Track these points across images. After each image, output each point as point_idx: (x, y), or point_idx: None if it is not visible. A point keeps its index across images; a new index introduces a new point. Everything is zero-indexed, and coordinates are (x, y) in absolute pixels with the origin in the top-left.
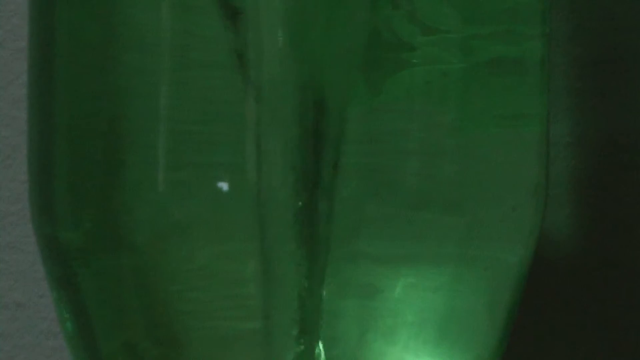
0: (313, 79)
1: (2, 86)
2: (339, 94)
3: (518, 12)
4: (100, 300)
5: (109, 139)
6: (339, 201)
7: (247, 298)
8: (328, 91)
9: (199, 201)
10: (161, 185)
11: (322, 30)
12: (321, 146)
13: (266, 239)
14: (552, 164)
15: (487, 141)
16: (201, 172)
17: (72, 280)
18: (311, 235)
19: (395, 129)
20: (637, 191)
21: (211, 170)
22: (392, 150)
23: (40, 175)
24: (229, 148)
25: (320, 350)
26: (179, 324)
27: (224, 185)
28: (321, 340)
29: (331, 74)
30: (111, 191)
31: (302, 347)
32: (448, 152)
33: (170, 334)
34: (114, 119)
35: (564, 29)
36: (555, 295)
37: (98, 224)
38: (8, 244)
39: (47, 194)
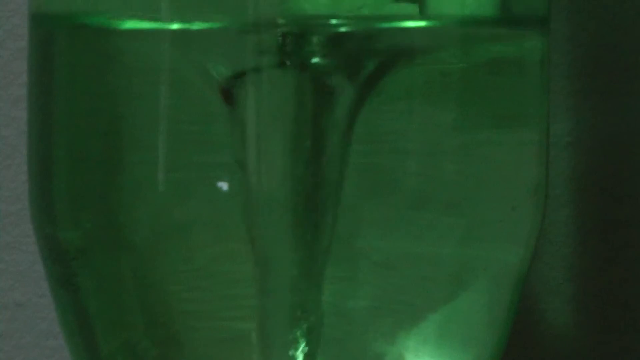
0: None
1: (2, 86)
2: (342, 94)
3: (518, 13)
4: (100, 300)
5: (108, 139)
6: (338, 201)
7: (246, 298)
8: (331, 91)
9: (198, 201)
10: (161, 185)
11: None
12: (321, 146)
13: (265, 239)
14: (552, 164)
15: (487, 141)
16: (201, 172)
17: (72, 280)
18: (311, 235)
19: (395, 129)
20: (637, 191)
21: (211, 170)
22: (392, 150)
23: (40, 175)
24: (229, 148)
25: (320, 350)
26: (178, 324)
27: (223, 185)
28: (321, 340)
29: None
30: (111, 191)
31: (302, 347)
32: (448, 152)
33: (170, 334)
34: (113, 119)
35: (564, 29)
36: (555, 296)
37: (98, 224)
38: (8, 244)
39: (47, 194)
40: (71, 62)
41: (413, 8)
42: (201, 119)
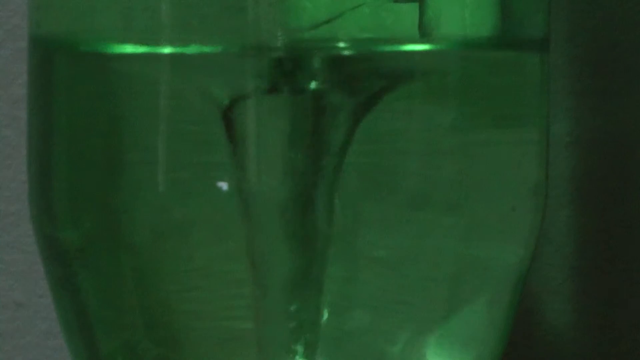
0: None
1: (2, 86)
2: (341, 113)
3: (518, 13)
4: (100, 300)
5: (108, 139)
6: (338, 201)
7: (246, 298)
8: (329, 91)
9: (198, 201)
10: (161, 185)
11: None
12: (321, 150)
13: (265, 239)
14: (552, 164)
15: (487, 141)
16: (201, 172)
17: (72, 280)
18: (310, 235)
19: (395, 129)
20: (637, 191)
21: (211, 170)
22: (392, 150)
23: (40, 175)
24: (229, 148)
25: (319, 350)
26: (178, 324)
27: (223, 185)
28: (321, 340)
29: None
30: (111, 191)
31: (301, 347)
32: (448, 152)
33: (170, 334)
34: (114, 119)
35: (564, 29)
36: (555, 295)
37: (98, 224)
38: (8, 244)
39: (47, 194)
40: (70, 79)
41: (413, 21)
42: (201, 119)
